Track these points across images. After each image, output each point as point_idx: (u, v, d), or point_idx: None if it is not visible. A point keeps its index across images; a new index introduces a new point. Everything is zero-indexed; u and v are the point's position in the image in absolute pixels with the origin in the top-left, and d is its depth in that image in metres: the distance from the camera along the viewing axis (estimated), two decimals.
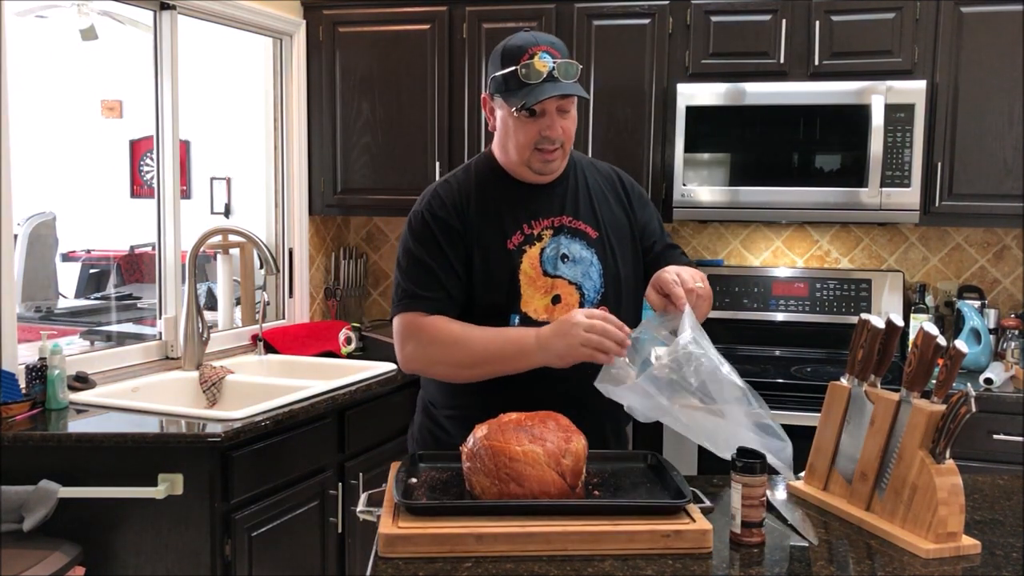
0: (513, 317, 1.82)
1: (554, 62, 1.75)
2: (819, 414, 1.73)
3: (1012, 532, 1.55)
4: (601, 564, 1.37)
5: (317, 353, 3.42)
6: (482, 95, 1.89)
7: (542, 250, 1.84)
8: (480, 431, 1.54)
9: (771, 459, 1.56)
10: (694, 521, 1.44)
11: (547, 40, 1.79)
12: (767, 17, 3.26)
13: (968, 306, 3.28)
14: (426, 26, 3.57)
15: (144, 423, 2.40)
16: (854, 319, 2.91)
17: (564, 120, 1.80)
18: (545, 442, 1.50)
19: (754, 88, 3.21)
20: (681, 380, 1.57)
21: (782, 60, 3.26)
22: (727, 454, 1.55)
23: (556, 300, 1.84)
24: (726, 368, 1.60)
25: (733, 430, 1.55)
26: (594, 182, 1.95)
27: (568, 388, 1.76)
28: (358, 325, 3.60)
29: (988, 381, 2.93)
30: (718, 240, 3.76)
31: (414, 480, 1.61)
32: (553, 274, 1.84)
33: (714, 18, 3.30)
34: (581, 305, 1.85)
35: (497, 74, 1.79)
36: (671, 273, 1.70)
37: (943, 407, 1.46)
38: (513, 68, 1.76)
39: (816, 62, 3.23)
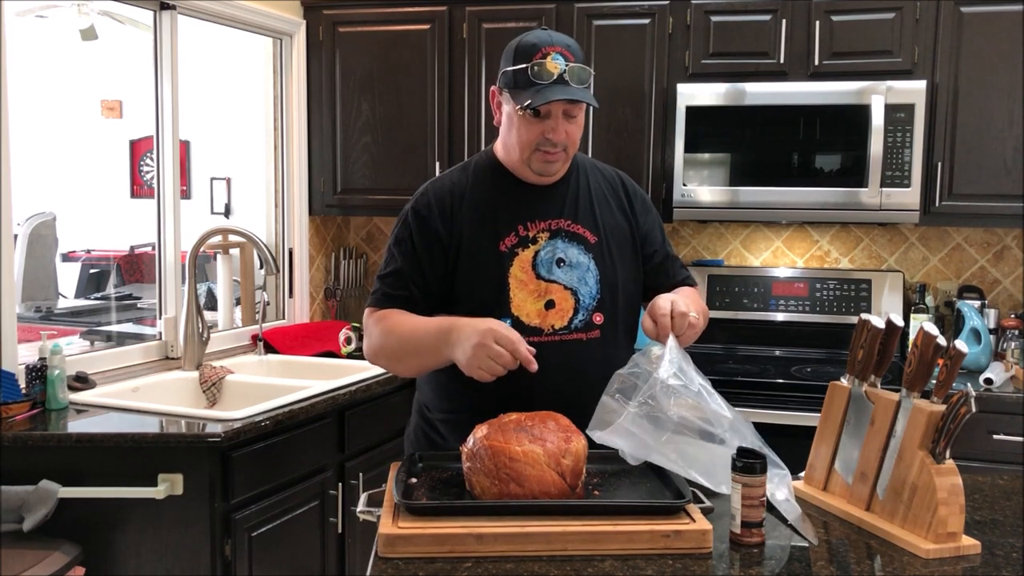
0: (503, 321, 1.78)
1: (566, 65, 1.72)
2: (819, 414, 1.73)
3: (1012, 532, 1.55)
4: (601, 564, 1.37)
5: (317, 353, 3.42)
6: (491, 87, 1.87)
7: (536, 253, 1.82)
8: (480, 431, 1.54)
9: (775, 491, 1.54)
10: (694, 521, 1.44)
11: (563, 42, 1.76)
12: (767, 17, 3.26)
13: (968, 306, 3.28)
14: (426, 26, 3.57)
15: (144, 423, 2.40)
16: (854, 319, 2.91)
17: (569, 124, 1.77)
18: (545, 442, 1.49)
19: (754, 88, 3.21)
20: (662, 415, 1.53)
21: (782, 60, 3.26)
22: (724, 488, 1.52)
23: (550, 305, 1.81)
24: (717, 399, 1.56)
25: (726, 459, 1.51)
26: (596, 185, 1.92)
27: (561, 391, 1.75)
28: (358, 325, 3.60)
29: (988, 381, 2.93)
30: (718, 240, 3.76)
31: (414, 480, 1.61)
32: (547, 278, 1.82)
33: (714, 18, 3.30)
34: (576, 311, 1.83)
35: (508, 69, 1.77)
36: (665, 300, 1.68)
37: (943, 407, 1.45)
38: (524, 65, 1.73)
39: (816, 62, 3.23)
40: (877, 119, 3.11)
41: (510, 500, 1.47)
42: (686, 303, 1.68)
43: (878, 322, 1.62)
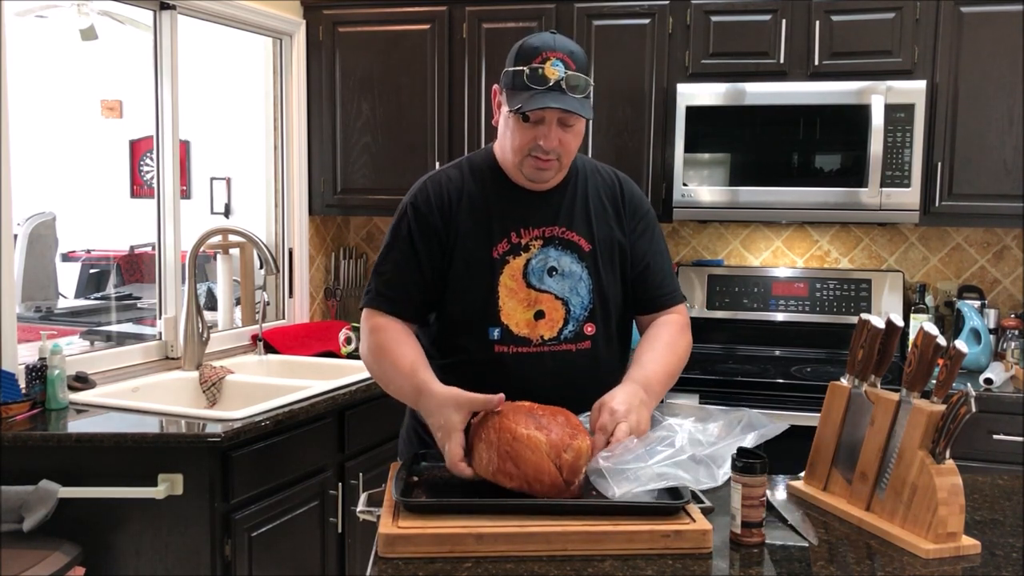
0: (492, 330, 1.76)
1: (565, 72, 1.67)
2: (819, 414, 1.73)
3: (1012, 532, 1.55)
4: (601, 564, 1.37)
5: (317, 353, 3.42)
6: (494, 85, 1.82)
7: (527, 261, 1.78)
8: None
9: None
10: (694, 521, 1.44)
11: (566, 48, 1.70)
12: (767, 17, 3.26)
13: (968, 306, 3.28)
14: (426, 26, 3.57)
15: (144, 423, 2.40)
16: (854, 319, 2.91)
17: (565, 133, 1.72)
18: (550, 432, 1.49)
19: (754, 88, 3.21)
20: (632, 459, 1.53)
21: (782, 60, 3.26)
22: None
23: (539, 315, 1.77)
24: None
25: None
26: (595, 191, 1.87)
27: (550, 401, 1.70)
28: (358, 325, 3.57)
29: (988, 381, 2.93)
30: (718, 240, 3.76)
31: (414, 479, 1.61)
32: (538, 288, 1.78)
33: (714, 18, 3.30)
34: (566, 322, 1.79)
35: (509, 69, 1.73)
36: (608, 418, 1.58)
37: (943, 407, 1.45)
38: (523, 67, 1.69)
39: (816, 62, 3.23)
40: (877, 119, 3.11)
41: (510, 500, 1.47)
42: (630, 425, 1.57)
43: (878, 322, 1.62)
